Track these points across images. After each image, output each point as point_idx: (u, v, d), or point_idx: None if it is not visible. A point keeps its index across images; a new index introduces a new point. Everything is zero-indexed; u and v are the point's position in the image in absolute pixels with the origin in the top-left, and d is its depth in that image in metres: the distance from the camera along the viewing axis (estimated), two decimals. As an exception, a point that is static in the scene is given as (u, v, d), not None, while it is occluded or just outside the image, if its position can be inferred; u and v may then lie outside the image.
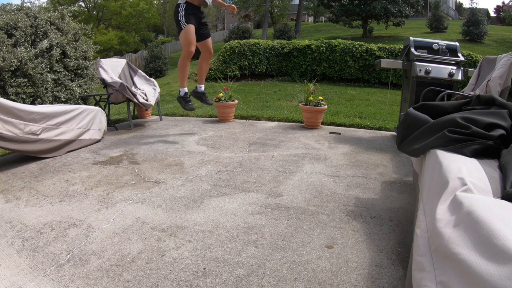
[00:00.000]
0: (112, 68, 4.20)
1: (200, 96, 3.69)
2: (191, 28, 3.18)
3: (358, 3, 16.65)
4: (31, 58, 4.20)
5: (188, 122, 4.43)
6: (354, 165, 2.60)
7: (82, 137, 3.15)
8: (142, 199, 1.96)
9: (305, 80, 4.76)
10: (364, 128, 4.04)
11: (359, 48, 8.74)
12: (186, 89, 3.49)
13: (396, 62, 3.38)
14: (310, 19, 35.59)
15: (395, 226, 1.66)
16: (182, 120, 4.57)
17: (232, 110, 4.43)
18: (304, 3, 25.14)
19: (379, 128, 4.00)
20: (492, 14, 34.11)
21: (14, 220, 1.73)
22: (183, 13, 3.17)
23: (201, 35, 3.43)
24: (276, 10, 25.30)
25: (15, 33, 4.23)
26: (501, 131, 1.27)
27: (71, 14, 26.59)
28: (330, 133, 3.73)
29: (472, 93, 2.37)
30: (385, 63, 3.38)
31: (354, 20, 18.09)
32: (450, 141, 1.27)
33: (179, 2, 3.25)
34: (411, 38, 3.27)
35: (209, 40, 3.53)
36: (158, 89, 4.59)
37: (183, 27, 3.19)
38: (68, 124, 3.02)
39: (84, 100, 4.59)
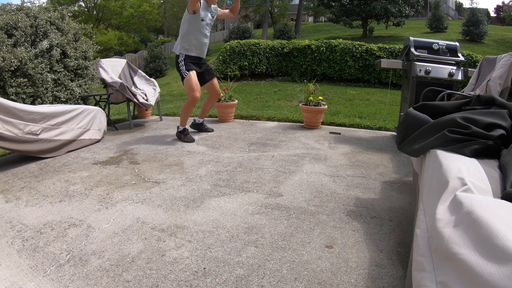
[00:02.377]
0: (112, 68, 4.20)
1: (199, 127, 3.79)
2: (193, 74, 3.26)
3: (358, 3, 16.65)
4: (31, 58, 4.20)
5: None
6: (354, 165, 2.60)
7: (82, 137, 3.15)
8: (142, 199, 1.96)
9: (305, 80, 4.77)
10: (364, 128, 4.04)
11: (359, 48, 8.74)
12: (186, 126, 3.49)
13: (396, 62, 3.38)
14: (310, 19, 35.60)
15: (395, 226, 1.66)
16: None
17: (232, 110, 4.43)
18: (304, 3, 25.14)
19: (379, 128, 4.00)
20: (492, 14, 34.12)
21: (14, 220, 1.73)
22: (183, 63, 3.27)
23: (205, 79, 3.50)
24: (276, 10, 25.30)
25: (15, 33, 4.23)
26: (501, 131, 1.27)
27: (71, 14, 26.58)
28: (330, 133, 3.73)
29: (472, 93, 2.37)
30: (385, 63, 3.38)
31: (354, 20, 18.09)
32: (450, 141, 1.27)
33: (177, 54, 3.32)
34: (411, 38, 3.27)
35: (215, 81, 3.58)
36: (158, 89, 4.58)
37: (184, 76, 3.26)
38: (68, 124, 3.02)
39: (84, 100, 4.59)
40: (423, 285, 0.77)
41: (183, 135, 3.40)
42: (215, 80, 3.57)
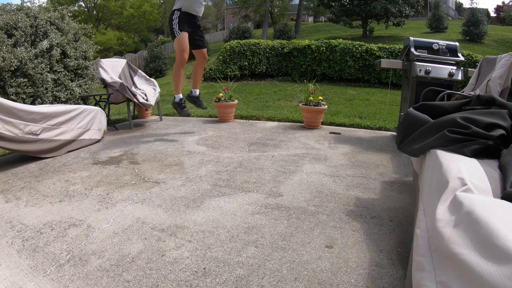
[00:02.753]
0: (112, 68, 4.20)
1: (195, 101, 3.76)
2: (184, 35, 3.25)
3: (358, 3, 16.65)
4: (31, 58, 4.20)
5: (188, 122, 4.43)
6: (354, 165, 2.60)
7: (82, 137, 3.15)
8: (142, 199, 1.96)
9: (305, 80, 4.76)
10: (364, 128, 4.04)
11: (359, 48, 8.74)
12: (181, 95, 3.55)
13: (396, 62, 3.38)
14: (310, 19, 35.59)
15: (395, 226, 1.66)
16: (182, 120, 4.56)
17: (232, 110, 4.43)
18: (304, 3, 25.14)
19: (379, 128, 4.00)
20: (492, 14, 34.10)
21: (14, 220, 1.73)
22: (176, 21, 3.25)
23: (196, 44, 3.49)
24: (276, 10, 25.30)
25: (15, 33, 4.23)
26: (501, 131, 1.27)
27: (71, 14, 26.53)
28: (330, 133, 3.73)
29: (472, 93, 2.37)
30: (385, 63, 3.38)
31: (354, 20, 18.09)
32: (450, 141, 1.27)
33: (173, 9, 3.31)
34: (411, 38, 3.27)
35: (205, 50, 3.61)
36: (158, 89, 4.59)
37: (176, 35, 3.25)
38: (68, 124, 3.02)
39: (84, 100, 4.59)
40: (423, 285, 0.77)
41: (179, 108, 3.45)
42: (205, 49, 3.61)
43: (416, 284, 0.82)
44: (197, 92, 3.76)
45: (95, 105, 3.87)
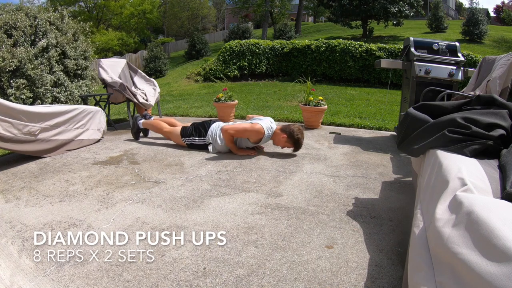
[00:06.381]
0: (112, 68, 4.20)
1: (134, 125, 3.48)
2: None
3: (357, 3, 16.63)
4: (30, 58, 4.19)
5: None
6: (354, 165, 2.60)
7: (81, 137, 3.15)
8: (142, 199, 1.96)
9: (300, 79, 4.74)
10: (364, 128, 4.04)
11: (359, 48, 8.74)
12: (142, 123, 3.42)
13: (396, 62, 3.38)
14: (310, 19, 35.56)
15: (395, 226, 1.66)
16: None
17: (232, 110, 4.43)
18: (304, 3, 25.13)
19: (379, 128, 4.00)
20: (492, 14, 34.08)
21: (14, 220, 1.73)
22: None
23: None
24: (276, 10, 25.28)
25: (14, 33, 4.22)
26: (501, 131, 1.27)
27: (71, 14, 26.46)
28: (330, 133, 3.73)
29: (472, 93, 2.38)
30: (385, 63, 3.38)
31: (352, 20, 18.07)
32: (450, 141, 1.27)
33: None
34: (411, 38, 3.27)
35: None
36: (158, 89, 4.59)
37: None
38: (67, 124, 3.02)
39: (84, 100, 4.59)
40: (421, 284, 0.77)
41: (136, 125, 3.41)
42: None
43: (414, 283, 0.82)
44: (141, 123, 3.46)
45: (95, 105, 3.87)
